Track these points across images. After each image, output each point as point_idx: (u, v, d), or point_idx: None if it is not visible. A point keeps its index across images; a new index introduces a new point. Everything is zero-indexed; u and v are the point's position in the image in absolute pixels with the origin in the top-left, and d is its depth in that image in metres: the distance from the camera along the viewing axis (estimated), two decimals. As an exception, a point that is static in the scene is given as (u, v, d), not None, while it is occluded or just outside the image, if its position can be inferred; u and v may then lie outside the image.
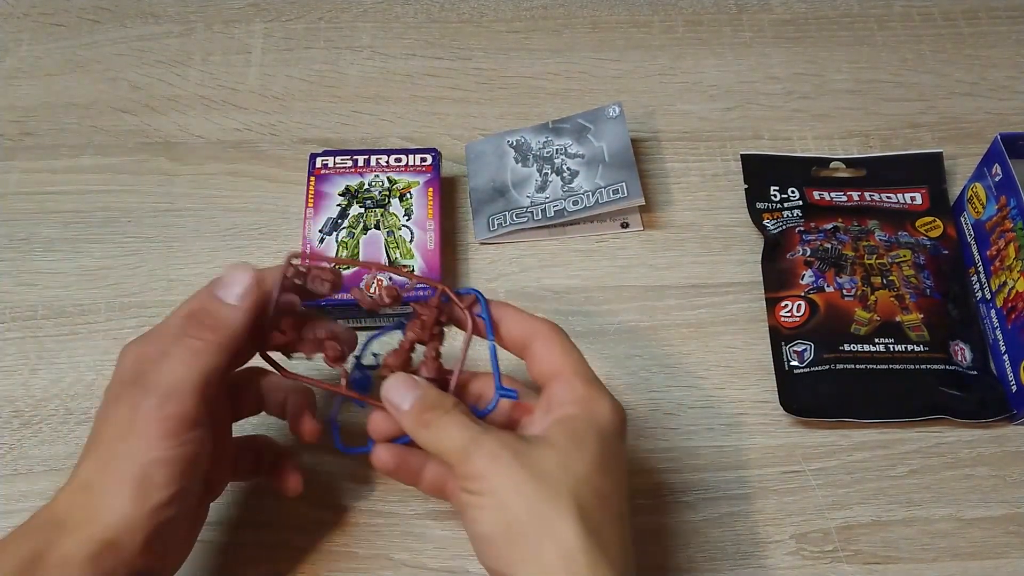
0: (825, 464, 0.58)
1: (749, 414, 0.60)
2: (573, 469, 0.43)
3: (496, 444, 0.43)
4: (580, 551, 0.41)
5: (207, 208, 0.68)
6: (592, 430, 0.44)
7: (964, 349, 0.60)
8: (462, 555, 0.55)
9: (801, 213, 0.66)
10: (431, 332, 0.48)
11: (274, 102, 0.73)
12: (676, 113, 0.73)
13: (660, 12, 0.79)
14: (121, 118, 0.72)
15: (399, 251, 0.62)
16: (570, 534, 0.41)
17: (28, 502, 0.56)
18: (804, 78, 0.75)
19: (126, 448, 0.43)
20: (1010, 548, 0.55)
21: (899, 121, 0.72)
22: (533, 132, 0.70)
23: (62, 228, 0.67)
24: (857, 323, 0.60)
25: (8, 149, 0.70)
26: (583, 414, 0.45)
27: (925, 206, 0.66)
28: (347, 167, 0.66)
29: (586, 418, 0.45)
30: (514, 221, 0.66)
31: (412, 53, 0.76)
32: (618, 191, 0.65)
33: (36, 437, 0.59)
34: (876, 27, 0.78)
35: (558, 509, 0.41)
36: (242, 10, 0.78)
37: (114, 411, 0.44)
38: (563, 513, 0.41)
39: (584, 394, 0.46)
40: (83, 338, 0.62)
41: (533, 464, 0.42)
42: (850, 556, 0.55)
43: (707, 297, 0.64)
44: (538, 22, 0.78)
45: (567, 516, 0.41)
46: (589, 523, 0.41)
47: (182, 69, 0.75)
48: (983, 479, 0.57)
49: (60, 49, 0.76)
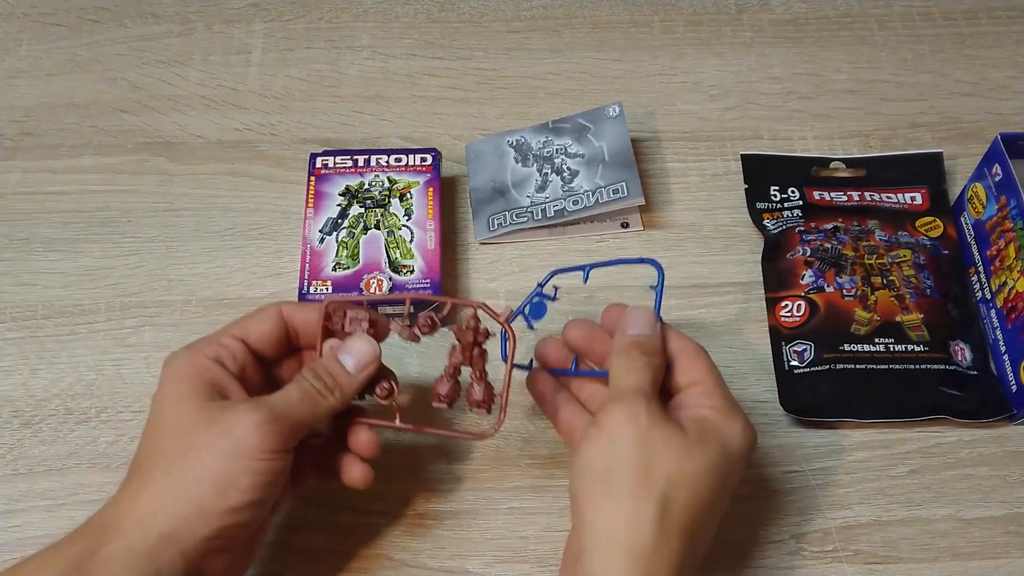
0: (825, 464, 0.58)
1: (749, 414, 0.59)
2: (684, 462, 0.45)
3: (644, 405, 0.46)
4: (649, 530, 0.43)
5: (207, 208, 0.68)
6: (718, 439, 0.46)
7: (964, 349, 0.60)
8: (462, 555, 0.55)
9: (801, 213, 0.66)
10: (471, 355, 0.50)
11: (274, 102, 0.73)
12: (676, 113, 0.73)
13: (660, 12, 0.79)
14: (121, 118, 0.72)
15: (399, 251, 0.62)
16: (649, 513, 0.44)
17: (28, 502, 0.56)
18: (804, 78, 0.75)
19: (216, 446, 0.44)
20: (1010, 548, 0.55)
21: (899, 121, 0.72)
22: (533, 132, 0.70)
23: (62, 228, 0.67)
24: (857, 323, 0.60)
25: (8, 149, 0.70)
26: (717, 421, 0.47)
27: (925, 206, 0.66)
28: (347, 167, 0.66)
29: (717, 426, 0.47)
30: (514, 221, 0.66)
31: (412, 53, 0.76)
32: (618, 191, 0.65)
33: (36, 437, 0.59)
34: (876, 27, 0.78)
35: (650, 486, 0.44)
36: (242, 10, 0.78)
37: (199, 412, 0.45)
38: (653, 492, 0.44)
39: (722, 405, 0.48)
40: (83, 338, 0.62)
41: (656, 436, 0.45)
42: (850, 556, 0.55)
43: (707, 297, 0.64)
44: (538, 22, 0.78)
45: (655, 496, 0.44)
46: (670, 513, 0.44)
47: (182, 69, 0.75)
48: (983, 479, 0.57)
49: (60, 49, 0.76)
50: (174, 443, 0.45)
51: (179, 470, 0.44)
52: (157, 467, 0.44)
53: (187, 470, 0.44)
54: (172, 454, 0.44)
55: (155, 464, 0.44)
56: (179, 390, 0.46)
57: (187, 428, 0.45)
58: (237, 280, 0.65)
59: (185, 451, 0.44)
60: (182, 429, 0.45)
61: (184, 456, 0.44)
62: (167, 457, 0.44)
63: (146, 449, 0.46)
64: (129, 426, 0.59)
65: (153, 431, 0.46)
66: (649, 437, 0.45)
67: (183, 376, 0.46)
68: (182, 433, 0.45)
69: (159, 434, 0.45)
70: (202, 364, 0.47)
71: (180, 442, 0.44)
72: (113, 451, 0.58)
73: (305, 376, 0.48)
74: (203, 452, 0.44)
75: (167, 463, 0.44)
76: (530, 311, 0.55)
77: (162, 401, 0.46)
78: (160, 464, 0.44)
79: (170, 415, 0.45)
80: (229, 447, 0.44)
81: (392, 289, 0.60)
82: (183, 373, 0.46)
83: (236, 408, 0.45)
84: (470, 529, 0.56)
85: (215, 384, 0.47)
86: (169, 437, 0.45)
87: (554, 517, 0.56)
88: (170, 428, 0.45)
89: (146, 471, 0.45)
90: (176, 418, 0.45)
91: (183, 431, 0.45)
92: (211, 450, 0.44)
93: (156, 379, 0.60)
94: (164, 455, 0.44)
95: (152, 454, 0.45)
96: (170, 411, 0.46)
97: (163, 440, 0.45)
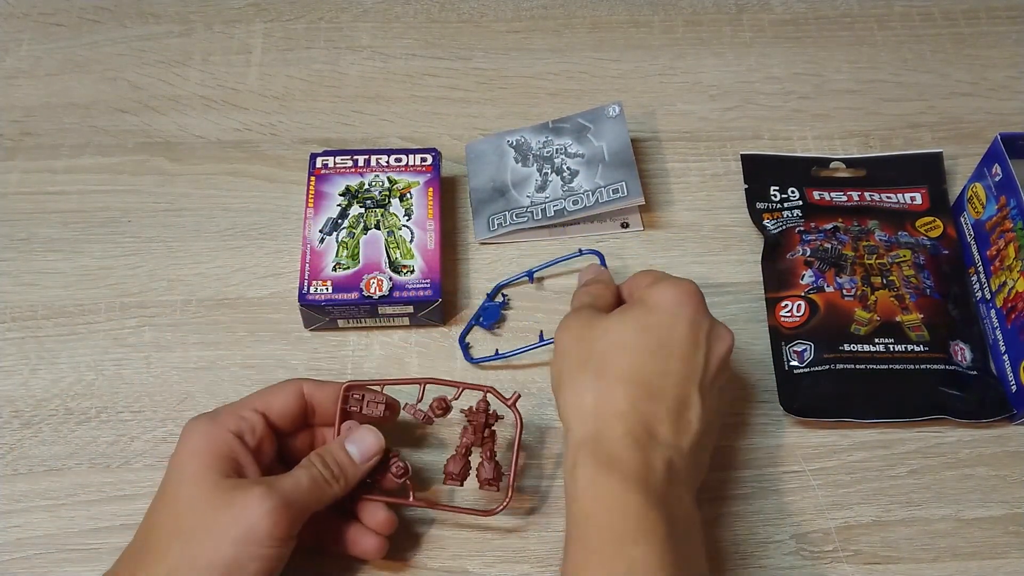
0: (825, 464, 0.58)
1: (749, 414, 0.60)
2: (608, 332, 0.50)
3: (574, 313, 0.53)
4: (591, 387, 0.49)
5: (207, 208, 0.68)
6: (639, 303, 0.51)
7: (964, 349, 0.60)
8: (462, 555, 0.55)
9: (801, 213, 0.66)
10: (482, 436, 0.53)
11: (274, 102, 0.73)
12: (676, 113, 0.73)
13: (660, 12, 0.79)
14: (121, 118, 0.72)
15: (399, 251, 0.62)
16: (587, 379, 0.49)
17: (28, 502, 0.56)
18: (804, 78, 0.75)
19: (229, 532, 0.46)
20: (1010, 548, 0.55)
21: (899, 121, 0.72)
22: (533, 132, 0.70)
23: (62, 228, 0.67)
24: (857, 323, 0.60)
25: (8, 149, 0.70)
26: (641, 294, 0.52)
27: (925, 206, 0.66)
28: (347, 167, 0.66)
29: (639, 296, 0.52)
30: (514, 221, 0.66)
31: (412, 53, 0.76)
32: (618, 190, 0.65)
33: (36, 437, 0.59)
34: (876, 27, 0.78)
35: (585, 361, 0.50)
36: (242, 10, 0.78)
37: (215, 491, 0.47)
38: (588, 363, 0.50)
39: (651, 283, 0.53)
40: (83, 338, 0.62)
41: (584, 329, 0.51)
42: (850, 556, 0.55)
43: (707, 297, 0.63)
44: (538, 22, 0.78)
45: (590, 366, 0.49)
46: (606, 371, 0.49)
47: (182, 69, 0.75)
48: (983, 479, 0.57)
49: (60, 49, 0.76)
50: (190, 521, 0.47)
51: (192, 552, 0.46)
52: (174, 545, 0.46)
53: (200, 554, 0.46)
54: (187, 533, 0.46)
55: (172, 540, 0.47)
56: (198, 464, 0.48)
57: (203, 508, 0.47)
58: (237, 280, 0.65)
59: (200, 533, 0.46)
60: (199, 508, 0.47)
61: (199, 539, 0.46)
62: (182, 535, 0.46)
63: (162, 521, 0.48)
64: (129, 426, 0.59)
65: (170, 503, 0.48)
66: (580, 333, 0.51)
67: (203, 451, 0.49)
68: (199, 512, 0.47)
69: (176, 508, 0.48)
70: (222, 438, 0.49)
71: (196, 521, 0.47)
72: (113, 451, 0.58)
73: (314, 463, 0.50)
74: (216, 535, 0.46)
75: (183, 543, 0.46)
76: (483, 318, 0.63)
77: (181, 471, 0.48)
78: (177, 542, 0.46)
79: (188, 491, 0.48)
80: (240, 533, 0.46)
81: (392, 288, 0.60)
82: (203, 448, 0.49)
83: (250, 492, 0.47)
84: (470, 529, 0.56)
85: (232, 460, 0.49)
86: (186, 514, 0.47)
87: (554, 517, 0.56)
88: (186, 504, 0.47)
89: (164, 546, 0.47)
90: (193, 494, 0.47)
91: (200, 510, 0.47)
92: (224, 534, 0.46)
93: (156, 379, 0.60)
94: (180, 533, 0.47)
95: (169, 529, 0.47)
96: (188, 487, 0.48)
97: (181, 516, 0.47)
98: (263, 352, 0.62)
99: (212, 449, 0.49)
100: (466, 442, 0.53)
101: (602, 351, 0.49)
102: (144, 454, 0.58)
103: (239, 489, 0.47)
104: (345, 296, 0.60)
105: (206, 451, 0.48)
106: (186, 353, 0.62)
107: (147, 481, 0.57)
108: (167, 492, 0.49)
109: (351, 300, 0.60)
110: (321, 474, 0.50)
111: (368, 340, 0.62)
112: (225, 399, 0.60)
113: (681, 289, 0.51)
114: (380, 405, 0.53)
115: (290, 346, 0.62)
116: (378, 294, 0.60)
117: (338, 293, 0.60)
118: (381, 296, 0.60)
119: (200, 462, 0.48)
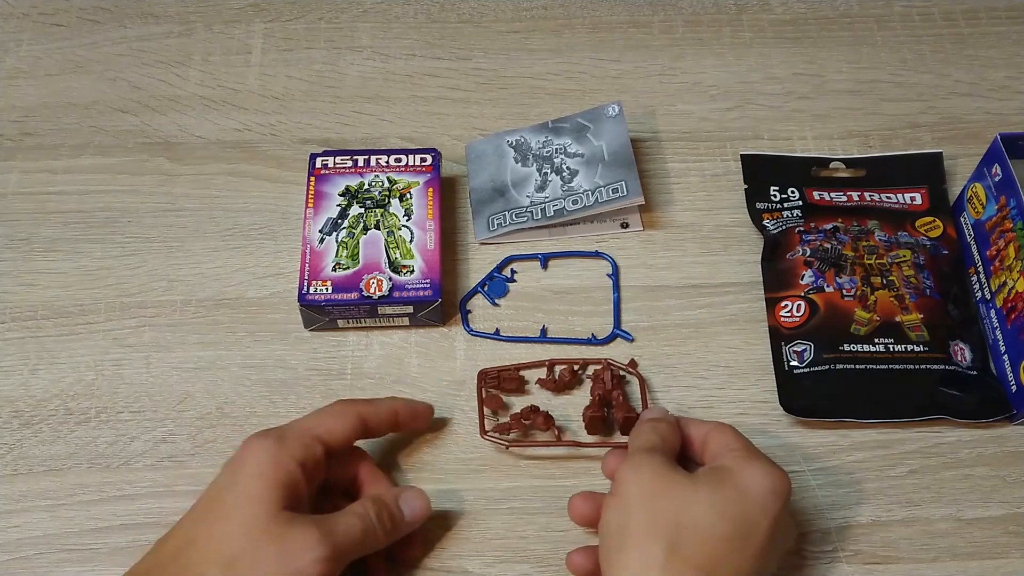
0: (825, 464, 0.58)
1: (749, 414, 0.60)
2: (691, 505, 0.47)
3: (647, 459, 0.49)
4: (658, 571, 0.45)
5: (207, 208, 0.68)
6: (731, 480, 0.48)
7: (964, 349, 0.60)
8: (462, 555, 0.55)
9: (801, 213, 0.66)
10: (610, 386, 0.59)
11: (274, 102, 0.73)
12: (676, 113, 0.73)
13: (660, 12, 0.79)
14: (121, 118, 0.72)
15: (399, 251, 0.62)
16: (657, 555, 0.45)
17: (28, 502, 0.56)
18: (804, 78, 0.75)
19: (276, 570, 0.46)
20: (1010, 548, 0.55)
21: (899, 121, 0.72)
22: (532, 132, 0.70)
23: (62, 228, 0.67)
24: (857, 323, 0.60)
25: (8, 149, 0.70)
26: (732, 466, 0.49)
27: (925, 206, 0.66)
28: (347, 167, 0.66)
29: (731, 470, 0.49)
30: (514, 221, 0.66)
31: (412, 53, 0.76)
32: (618, 190, 0.65)
33: (36, 437, 0.59)
34: (876, 27, 0.78)
35: (657, 530, 0.46)
36: (242, 10, 0.78)
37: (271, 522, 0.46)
38: (660, 535, 0.46)
39: (742, 454, 0.50)
40: (83, 338, 0.62)
41: (660, 485, 0.48)
42: (850, 556, 0.55)
43: (707, 297, 0.64)
44: (538, 22, 0.78)
45: (662, 539, 0.46)
46: (679, 553, 0.45)
47: (182, 69, 0.75)
48: (983, 479, 0.57)
49: (60, 49, 0.76)
50: (238, 547, 0.46)
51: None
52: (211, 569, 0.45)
53: None
54: (231, 560, 0.45)
55: (211, 563, 0.46)
56: (260, 489, 0.47)
57: (256, 536, 0.46)
58: (237, 280, 0.65)
59: (245, 563, 0.45)
60: (252, 535, 0.46)
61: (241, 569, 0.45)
62: (224, 560, 0.45)
63: (206, 537, 0.47)
64: (128, 426, 0.59)
65: (220, 521, 0.47)
66: (654, 487, 0.48)
67: (267, 475, 0.47)
68: (250, 540, 0.46)
69: (225, 529, 0.46)
70: (288, 467, 0.48)
71: (244, 548, 0.46)
72: (113, 451, 0.58)
73: (369, 513, 0.50)
74: (260, 570, 0.45)
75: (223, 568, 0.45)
76: (489, 288, 0.64)
77: (240, 492, 0.47)
78: (216, 567, 0.45)
79: (242, 516, 0.47)
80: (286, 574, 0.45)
81: (392, 289, 0.60)
82: (268, 472, 0.48)
83: (307, 534, 0.46)
84: (470, 529, 0.56)
85: (293, 491, 0.48)
86: (235, 538, 0.46)
87: (554, 517, 0.56)
88: (238, 528, 0.46)
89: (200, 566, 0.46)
90: (248, 520, 0.46)
91: (252, 538, 0.46)
92: (268, 570, 0.45)
93: (156, 379, 0.60)
94: (222, 557, 0.46)
95: (214, 548, 0.46)
96: (244, 512, 0.47)
97: (228, 540, 0.46)
98: (263, 352, 0.62)
99: (277, 476, 0.47)
100: (597, 392, 0.58)
101: (680, 525, 0.46)
102: (144, 454, 0.58)
103: (295, 526, 0.46)
104: (345, 296, 0.60)
105: (271, 476, 0.47)
106: (186, 353, 0.62)
107: (147, 481, 0.57)
108: (217, 509, 0.47)
109: (351, 300, 0.60)
110: (375, 526, 0.49)
111: (368, 340, 0.62)
112: (225, 399, 0.60)
113: (776, 480, 0.48)
114: (514, 380, 0.59)
115: (290, 346, 0.62)
116: (378, 294, 0.60)
117: (338, 293, 0.60)
118: (381, 296, 0.60)
119: (262, 486, 0.47)
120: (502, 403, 0.59)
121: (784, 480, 0.49)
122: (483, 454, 0.58)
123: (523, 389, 0.60)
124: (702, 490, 0.47)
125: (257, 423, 0.59)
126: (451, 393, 0.60)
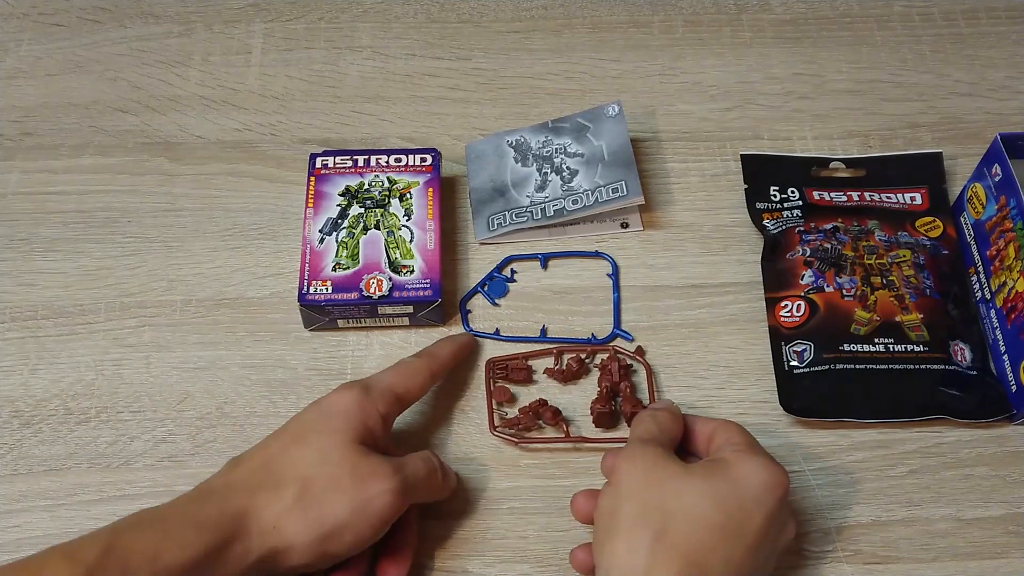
0: (825, 464, 0.58)
1: (749, 414, 0.60)
2: (683, 494, 0.47)
3: (641, 448, 0.50)
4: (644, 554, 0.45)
5: (207, 208, 0.68)
6: (726, 472, 0.48)
7: (964, 349, 0.60)
8: (462, 555, 0.55)
9: (801, 213, 0.66)
10: (617, 378, 0.59)
11: (274, 102, 0.73)
12: (676, 113, 0.73)
13: (660, 12, 0.79)
14: (121, 118, 0.72)
15: (399, 251, 0.62)
16: (644, 540, 0.46)
17: (28, 502, 0.56)
18: (804, 78, 0.75)
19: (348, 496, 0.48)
20: (1010, 548, 0.55)
21: (899, 121, 0.72)
22: (532, 132, 0.70)
23: (62, 228, 0.67)
24: (857, 323, 0.60)
25: (8, 149, 0.70)
26: (730, 459, 0.49)
27: (925, 206, 0.66)
28: (347, 167, 0.66)
29: (728, 462, 0.49)
30: (514, 221, 0.66)
31: (412, 53, 0.76)
32: (617, 189, 0.65)
33: (36, 437, 0.59)
34: (876, 27, 0.78)
35: (646, 516, 0.46)
36: (242, 10, 0.78)
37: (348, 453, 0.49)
38: (649, 521, 0.46)
39: (742, 448, 0.50)
40: (83, 338, 0.62)
41: (654, 475, 0.48)
42: (850, 556, 0.55)
43: (707, 297, 0.64)
44: (538, 22, 0.78)
45: (650, 525, 0.46)
46: (666, 539, 0.45)
47: (182, 69, 0.75)
48: (983, 479, 0.57)
49: (60, 49, 0.76)
50: (317, 470, 0.49)
51: (309, 506, 0.48)
52: (292, 487, 0.48)
53: (315, 509, 0.48)
54: (310, 483, 0.48)
55: (292, 482, 0.48)
56: (344, 424, 0.50)
57: (334, 459, 0.49)
58: (237, 280, 0.65)
59: (322, 489, 0.48)
60: (330, 458, 0.49)
61: (320, 494, 0.48)
62: (305, 484, 0.48)
63: (286, 455, 0.49)
64: (128, 426, 0.59)
65: (299, 445, 0.50)
66: (647, 476, 0.48)
67: (353, 415, 0.51)
68: (329, 463, 0.49)
69: (304, 451, 0.49)
70: (373, 415, 0.52)
71: (321, 472, 0.48)
72: (113, 451, 0.58)
73: (432, 459, 0.53)
74: (336, 496, 0.48)
75: (302, 490, 0.48)
76: (489, 288, 0.64)
77: (324, 423, 0.50)
78: (296, 486, 0.48)
79: (324, 441, 0.50)
80: (359, 503, 0.48)
81: (392, 289, 0.60)
82: (354, 413, 0.51)
83: (377, 467, 0.49)
84: (470, 529, 0.56)
85: (372, 436, 0.51)
86: (314, 461, 0.49)
87: (554, 517, 0.56)
88: (317, 451, 0.49)
89: (284, 485, 0.48)
90: (328, 444, 0.49)
91: (331, 461, 0.49)
92: (343, 498, 0.48)
93: (156, 379, 0.60)
94: (304, 480, 0.48)
95: (295, 465, 0.49)
96: (326, 437, 0.50)
97: (306, 461, 0.49)
98: (263, 352, 0.62)
99: (361, 419, 0.51)
100: (605, 384, 0.59)
101: (670, 512, 0.46)
102: (144, 454, 0.58)
103: (370, 458, 0.49)
104: (345, 296, 0.60)
105: (356, 417, 0.51)
106: (186, 353, 0.62)
107: (146, 481, 0.57)
108: (300, 437, 0.50)
109: (351, 300, 0.60)
110: (436, 471, 0.53)
111: (368, 340, 0.62)
112: (225, 399, 0.60)
113: (772, 474, 0.48)
114: (523, 371, 0.60)
115: (290, 346, 0.62)
116: (378, 294, 0.60)
117: (338, 293, 0.60)
118: (381, 296, 0.60)
119: (347, 423, 0.50)
120: (510, 395, 0.60)
121: (781, 476, 0.48)
122: (483, 454, 0.58)
123: (531, 379, 0.61)
124: (695, 479, 0.48)
125: (257, 423, 0.59)
126: (451, 393, 0.60)
